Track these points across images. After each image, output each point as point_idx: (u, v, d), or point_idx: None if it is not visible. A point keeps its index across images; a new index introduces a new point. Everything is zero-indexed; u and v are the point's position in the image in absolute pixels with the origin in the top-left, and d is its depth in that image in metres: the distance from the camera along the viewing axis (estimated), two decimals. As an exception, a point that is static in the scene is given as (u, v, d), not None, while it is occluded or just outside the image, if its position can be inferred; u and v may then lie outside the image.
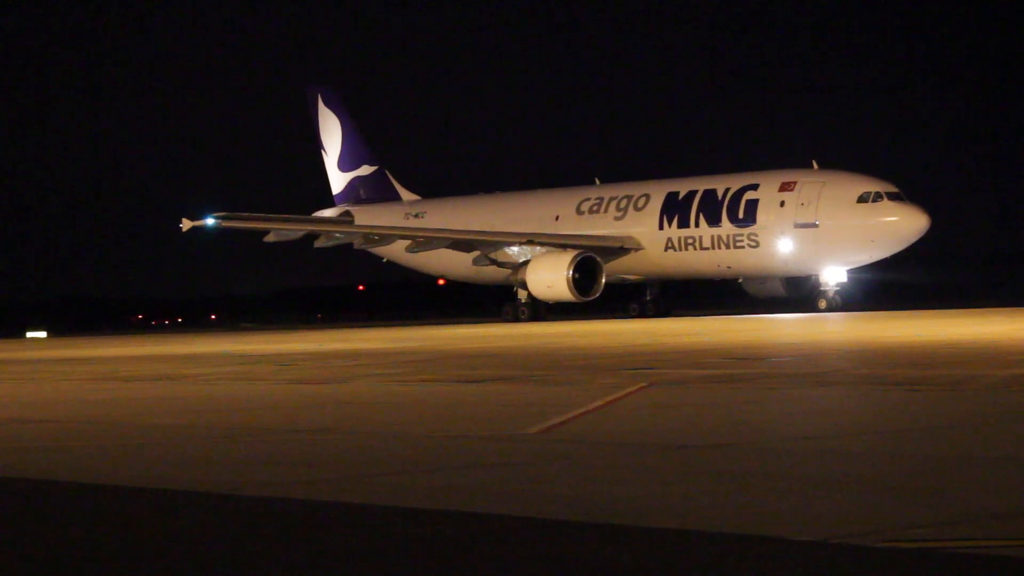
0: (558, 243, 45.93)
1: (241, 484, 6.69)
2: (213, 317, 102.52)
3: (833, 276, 41.60)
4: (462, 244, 48.17)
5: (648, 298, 50.41)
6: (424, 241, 48.63)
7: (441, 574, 4.58)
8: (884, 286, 48.80)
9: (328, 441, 8.72)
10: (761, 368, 14.31)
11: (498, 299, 52.00)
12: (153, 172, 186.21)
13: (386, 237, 50.09)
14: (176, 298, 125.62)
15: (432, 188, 58.73)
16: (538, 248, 46.02)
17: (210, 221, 46.93)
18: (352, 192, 58.59)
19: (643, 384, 12.22)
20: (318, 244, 50.55)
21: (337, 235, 50.93)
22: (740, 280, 46.79)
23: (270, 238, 49.92)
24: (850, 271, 42.03)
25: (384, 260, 54.96)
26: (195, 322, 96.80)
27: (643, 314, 49.19)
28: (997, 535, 4.77)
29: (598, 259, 44.34)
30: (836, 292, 41.65)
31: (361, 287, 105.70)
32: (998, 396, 10.04)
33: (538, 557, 4.79)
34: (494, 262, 47.77)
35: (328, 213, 57.61)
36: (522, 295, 46.93)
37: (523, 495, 6.16)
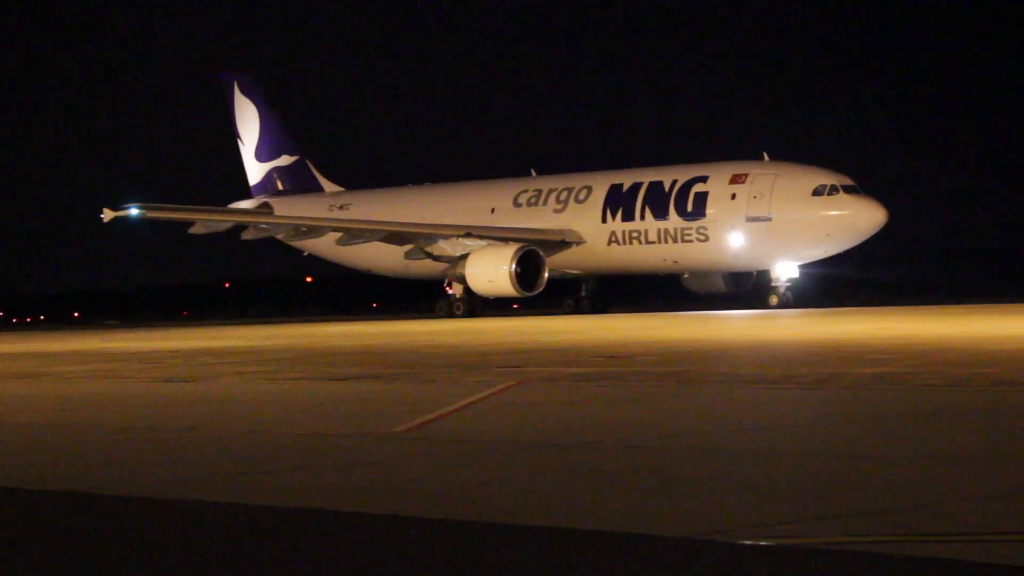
0: (498, 236, 44.49)
1: (101, 483, 6.57)
2: (76, 315, 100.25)
3: (785, 271, 40.51)
4: (395, 237, 46.45)
5: (583, 294, 48.93)
6: (358, 234, 46.87)
7: (303, 573, 4.52)
8: (838, 282, 48.15)
9: (191, 440, 8.60)
10: (630, 366, 14.39)
11: (431, 295, 50.56)
12: (54, 161, 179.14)
13: (316, 229, 48.40)
14: (38, 293, 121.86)
15: (356, 180, 57.39)
16: (477, 241, 44.54)
17: (134, 211, 44.88)
18: (270, 183, 56.49)
19: (513, 382, 12.23)
20: (245, 236, 48.83)
21: (263, 226, 49.14)
22: (684, 276, 45.51)
23: (196, 229, 48.04)
24: (802, 266, 40.99)
25: (305, 253, 52.99)
26: (57, 319, 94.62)
27: (579, 310, 47.95)
28: (856, 532, 4.84)
29: (541, 253, 43.00)
30: (787, 288, 40.58)
31: (228, 283, 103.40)
32: (859, 394, 10.20)
33: (403, 556, 4.75)
34: (429, 256, 45.94)
35: (245, 205, 55.54)
36: (457, 290, 45.53)
37: (389, 493, 6.11)
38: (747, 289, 44.63)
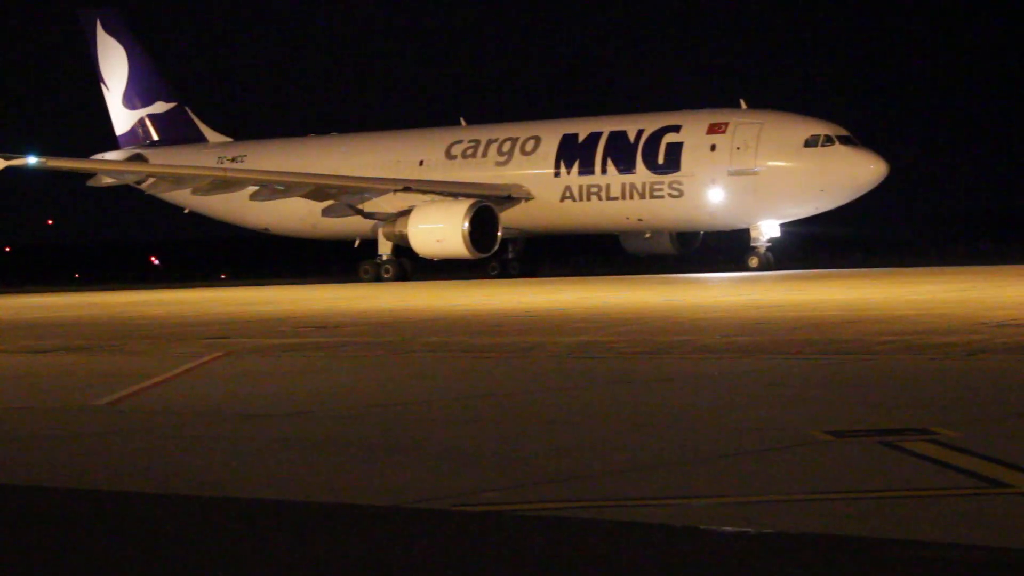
0: (442, 191, 39.38)
1: None
2: None
3: (767, 230, 36.39)
4: (317, 192, 40.83)
5: (511, 255, 43.05)
6: (284, 187, 40.86)
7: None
8: (818, 241, 43.84)
9: None
10: (337, 336, 14.34)
11: (341, 257, 45.40)
12: None
13: (234, 182, 41.73)
14: None
15: (245, 130, 50.55)
16: (418, 197, 39.36)
17: (32, 160, 39.56)
18: (142, 132, 49.96)
19: (219, 353, 12.04)
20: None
21: (166, 178, 43.18)
22: (622, 236, 41.04)
23: (104, 181, 43.59)
24: (783, 225, 36.97)
25: (186, 210, 47.24)
26: None
27: (506, 273, 42.38)
28: (559, 497, 4.95)
29: (495, 209, 38.05)
30: (768, 248, 36.54)
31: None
32: (561, 363, 10.40)
33: (110, 531, 4.65)
34: (359, 212, 40.50)
35: (112, 156, 48.72)
36: (384, 250, 40.30)
37: (91, 467, 6.01)
38: (693, 251, 41.09)
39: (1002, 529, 4.22)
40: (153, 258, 79.59)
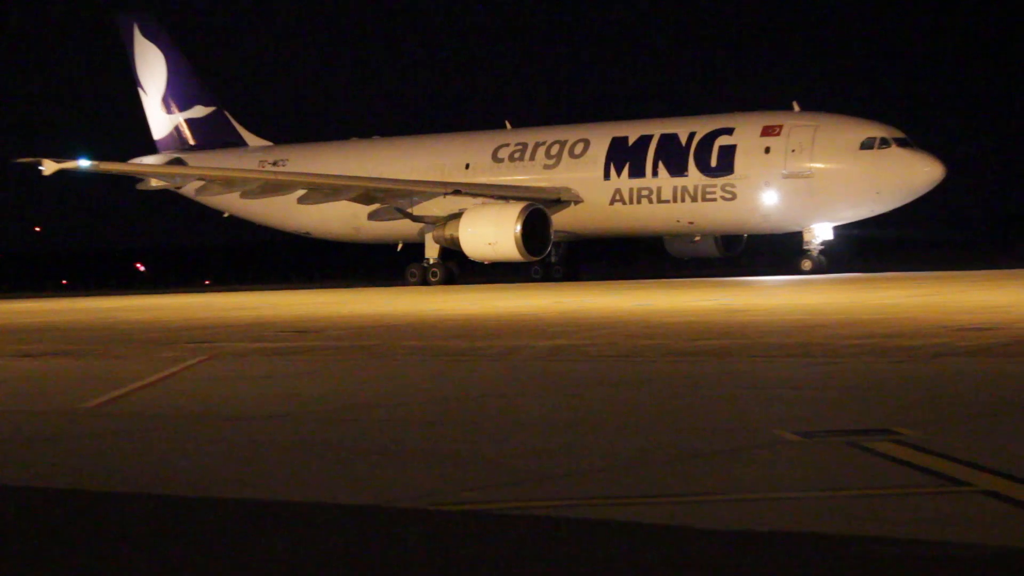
0: (492, 194, 38.62)
1: None
2: None
3: (821, 233, 35.55)
4: (364, 195, 40.14)
5: (553, 259, 41.71)
6: (330, 191, 40.23)
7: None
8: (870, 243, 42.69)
9: None
10: (318, 341, 14.39)
11: (382, 259, 44.80)
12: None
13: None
14: None
15: (284, 134, 50.04)
16: (468, 200, 38.55)
17: (83, 163, 39.32)
18: (180, 137, 49.21)
19: (203, 357, 12.09)
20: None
21: (210, 183, 42.69)
22: (668, 238, 40.08)
23: (151, 185, 43.34)
24: (837, 228, 36.10)
25: (225, 215, 46.48)
26: None
27: (548, 276, 41.57)
28: (539, 496, 5.04)
29: (547, 212, 37.41)
30: (821, 251, 35.67)
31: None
32: (539, 365, 10.49)
33: (98, 531, 4.73)
34: (408, 216, 39.75)
35: (151, 160, 48.04)
36: (432, 253, 39.48)
37: (79, 468, 6.07)
38: (738, 254, 40.56)
39: (962, 526, 4.32)
40: (138, 264, 78.32)
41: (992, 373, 8.78)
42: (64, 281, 65.18)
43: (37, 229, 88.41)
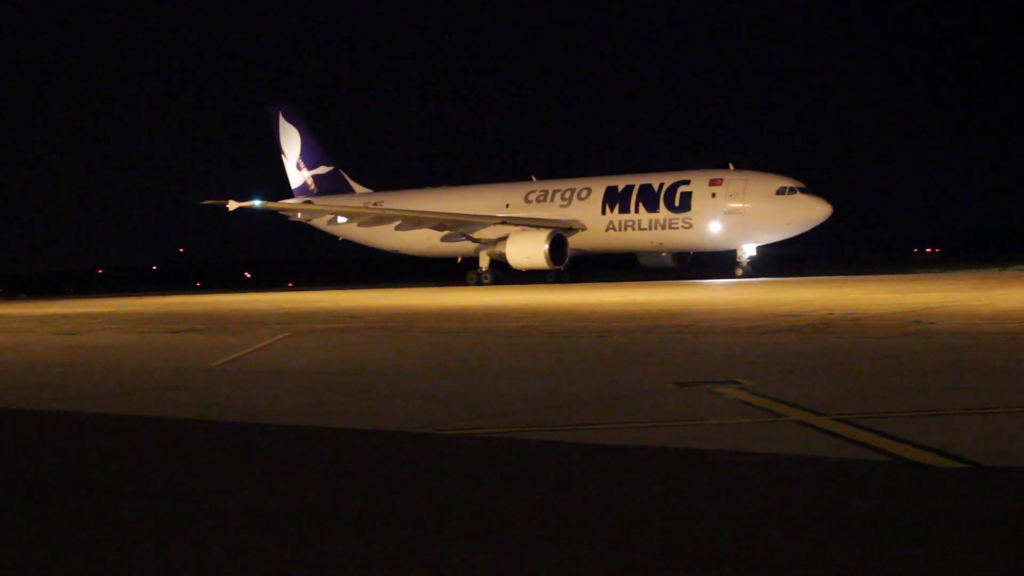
0: (526, 224, 39.12)
1: (14, 401, 6.38)
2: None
3: (748, 251, 36.08)
4: (442, 224, 40.49)
5: (563, 269, 40.93)
6: (418, 222, 40.58)
7: (145, 454, 4.55)
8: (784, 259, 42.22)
9: (71, 372, 8.35)
10: (359, 323, 14.32)
11: (439, 270, 44.91)
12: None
13: (382, 218, 41.76)
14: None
15: (375, 183, 48.50)
16: (510, 228, 38.87)
17: (257, 203, 39.74)
18: (307, 187, 49.03)
19: (287, 334, 12.10)
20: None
21: (353, 216, 42.73)
22: (641, 254, 40.10)
23: (295, 217, 43.48)
24: (760, 247, 36.44)
25: (340, 239, 45.58)
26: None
27: (559, 281, 40.18)
28: (505, 425, 5.09)
29: (566, 236, 38.09)
30: (748, 263, 36.02)
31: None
32: (511, 339, 10.43)
33: (221, 447, 4.82)
34: (470, 239, 40.04)
35: (291, 202, 47.29)
36: (484, 264, 39.81)
37: (205, 405, 6.13)
38: (685, 266, 40.34)
39: (779, 443, 4.38)
40: (246, 273, 78.15)
41: (799, 343, 8.71)
42: (198, 284, 64.92)
43: (181, 250, 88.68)
